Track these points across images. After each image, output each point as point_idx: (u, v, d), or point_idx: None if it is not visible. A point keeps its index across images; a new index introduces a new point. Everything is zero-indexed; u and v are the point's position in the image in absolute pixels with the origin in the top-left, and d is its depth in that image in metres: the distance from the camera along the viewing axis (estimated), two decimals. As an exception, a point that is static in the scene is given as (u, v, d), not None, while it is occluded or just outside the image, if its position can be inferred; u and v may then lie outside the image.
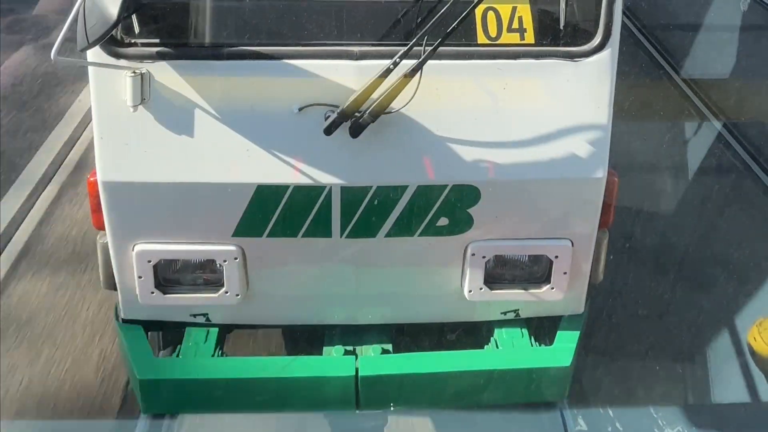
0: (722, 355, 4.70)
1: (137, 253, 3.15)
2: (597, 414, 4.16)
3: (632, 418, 4.20)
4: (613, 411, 4.19)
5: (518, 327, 3.55)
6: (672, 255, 5.66)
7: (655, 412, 4.20)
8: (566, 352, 3.42)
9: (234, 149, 2.97)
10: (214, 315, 3.42)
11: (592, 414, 4.14)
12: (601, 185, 3.13)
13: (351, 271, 3.32)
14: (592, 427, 4.04)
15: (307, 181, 3.01)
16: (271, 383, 3.34)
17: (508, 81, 2.98)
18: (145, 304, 3.29)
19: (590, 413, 4.12)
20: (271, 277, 3.30)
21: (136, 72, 2.85)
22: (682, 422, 4.16)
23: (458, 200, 3.10)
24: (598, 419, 4.13)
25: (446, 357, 3.46)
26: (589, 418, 4.06)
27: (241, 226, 3.11)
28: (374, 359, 3.41)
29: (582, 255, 3.29)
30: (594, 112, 3.02)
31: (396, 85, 2.80)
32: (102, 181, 3.01)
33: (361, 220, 3.11)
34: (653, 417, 4.18)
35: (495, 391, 3.48)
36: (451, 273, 3.32)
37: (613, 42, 2.98)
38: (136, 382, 3.30)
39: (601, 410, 4.17)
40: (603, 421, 4.14)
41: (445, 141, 3.01)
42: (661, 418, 4.16)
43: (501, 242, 3.23)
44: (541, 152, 3.04)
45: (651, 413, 4.20)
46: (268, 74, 2.94)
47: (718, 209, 6.30)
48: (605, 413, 4.17)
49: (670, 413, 4.20)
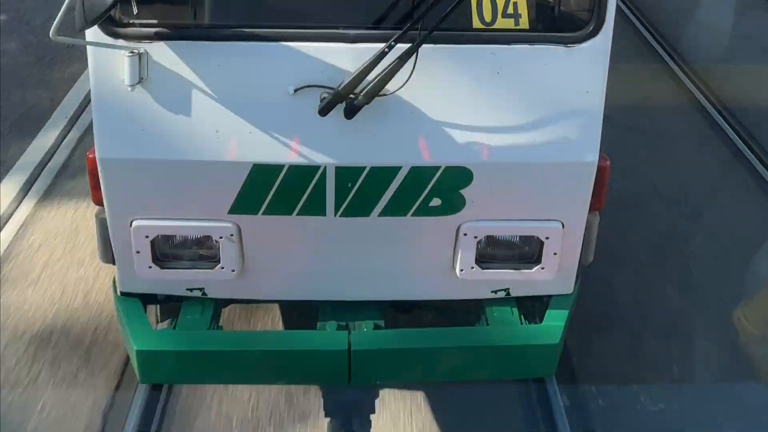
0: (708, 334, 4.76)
1: (135, 228, 3.21)
2: (580, 390, 4.23)
3: (615, 395, 4.26)
4: (596, 387, 4.26)
5: (508, 305, 3.61)
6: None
7: (638, 389, 4.27)
8: (555, 330, 3.48)
9: (230, 129, 3.01)
10: (210, 289, 3.49)
11: (575, 390, 4.21)
12: (593, 169, 3.17)
13: (345, 249, 3.38)
14: (575, 403, 4.12)
15: (302, 160, 3.06)
16: (264, 356, 3.40)
17: (502, 66, 3.01)
18: (142, 278, 3.35)
19: (573, 389, 4.20)
20: (267, 254, 3.36)
21: (134, 52, 2.89)
22: (664, 400, 4.24)
23: (451, 182, 3.14)
24: (581, 395, 4.21)
25: (437, 333, 3.53)
26: (572, 394, 4.14)
27: (237, 203, 3.16)
28: (367, 334, 3.47)
29: (573, 237, 3.35)
30: (587, 97, 3.05)
31: (391, 67, 2.84)
32: (100, 158, 3.05)
33: (354, 200, 3.16)
34: (636, 394, 4.25)
35: (485, 367, 3.55)
36: (443, 252, 3.37)
37: (607, 28, 3.00)
38: (133, 353, 3.37)
39: (584, 386, 4.25)
40: (586, 397, 4.21)
41: (438, 123, 3.05)
42: (644, 395, 4.24)
43: (493, 223, 3.28)
44: (533, 136, 3.08)
45: (634, 390, 4.27)
46: (265, 56, 2.97)
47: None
48: (588, 389, 4.24)
49: (653, 390, 4.27)
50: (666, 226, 5.80)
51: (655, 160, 6.68)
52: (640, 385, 4.32)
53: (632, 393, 4.28)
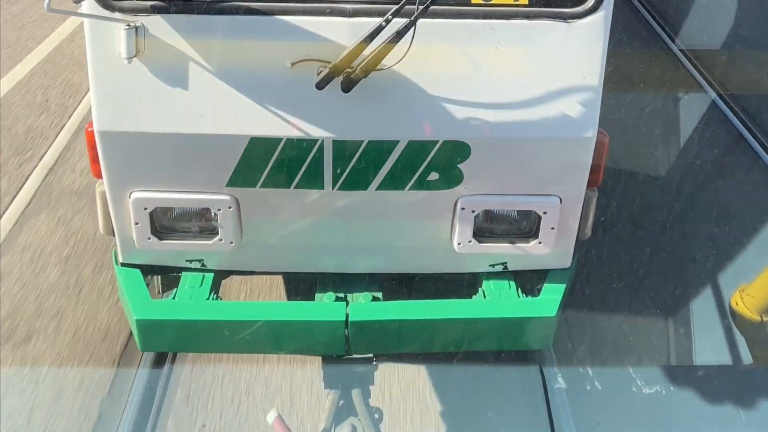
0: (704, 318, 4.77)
1: (134, 200, 3.22)
2: (576, 372, 4.25)
3: (611, 378, 4.29)
4: (592, 370, 4.27)
5: (506, 279, 3.62)
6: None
7: (634, 371, 4.28)
8: (552, 303, 3.49)
9: (227, 102, 3.01)
10: (209, 261, 3.51)
11: (572, 372, 4.23)
12: (591, 145, 3.16)
13: (343, 222, 3.39)
14: (572, 385, 4.14)
15: (299, 134, 3.05)
16: (263, 326, 3.43)
17: (500, 41, 2.98)
18: (142, 250, 3.38)
19: (570, 372, 4.22)
20: (265, 226, 3.38)
21: (130, 25, 2.87)
22: (660, 382, 4.25)
23: (449, 156, 3.14)
24: (578, 378, 4.23)
25: (434, 305, 3.54)
26: (568, 377, 4.16)
27: (235, 176, 3.17)
28: (364, 306, 3.50)
29: (570, 212, 3.35)
30: (586, 73, 3.03)
31: (388, 42, 2.82)
32: (98, 131, 3.06)
33: (352, 173, 3.17)
34: (632, 376, 4.26)
35: (481, 339, 3.58)
36: (441, 226, 3.38)
37: (606, 4, 2.97)
38: (133, 322, 3.41)
39: (580, 369, 4.26)
40: (582, 379, 4.23)
41: (436, 98, 3.04)
42: (640, 378, 4.25)
43: (490, 197, 3.29)
44: (532, 111, 3.07)
45: (630, 373, 4.29)
46: (262, 29, 2.95)
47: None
48: (584, 372, 4.25)
49: (649, 373, 4.29)
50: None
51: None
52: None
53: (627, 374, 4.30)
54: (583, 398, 4.14)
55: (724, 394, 4.24)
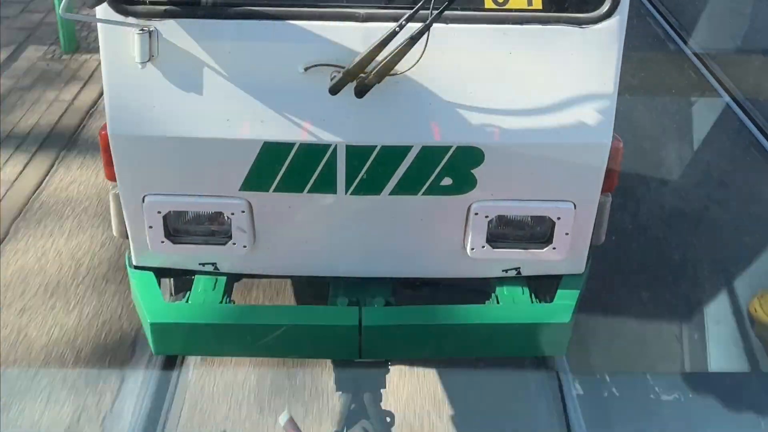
0: (722, 324, 4.72)
1: (147, 204, 3.23)
2: (593, 379, 4.20)
3: (629, 384, 4.24)
4: (609, 377, 4.23)
5: (519, 284, 3.60)
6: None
7: (652, 378, 4.23)
8: (566, 309, 3.47)
9: (240, 106, 3.01)
10: (222, 264, 3.52)
11: (589, 379, 4.19)
12: (606, 151, 3.13)
13: (356, 227, 3.39)
14: (588, 392, 4.10)
15: (312, 139, 3.05)
16: (275, 330, 3.43)
17: (514, 46, 2.97)
18: (155, 253, 3.39)
19: (586, 378, 4.17)
20: (278, 230, 3.38)
21: (144, 29, 2.88)
22: (678, 389, 4.20)
23: (462, 161, 3.13)
24: (595, 384, 4.18)
25: (447, 310, 3.53)
26: (585, 383, 4.12)
27: (248, 180, 3.17)
28: (377, 310, 3.49)
29: (584, 217, 3.33)
30: (601, 78, 3.01)
31: (402, 47, 2.81)
32: (112, 135, 3.07)
33: (365, 178, 3.16)
34: (650, 383, 4.22)
35: (494, 345, 3.57)
36: (454, 231, 3.37)
37: (621, 9, 2.95)
38: (147, 325, 3.42)
39: (597, 375, 4.22)
40: (599, 386, 4.19)
41: (450, 103, 3.03)
42: (658, 385, 4.20)
43: (504, 203, 3.27)
44: (546, 117, 3.05)
45: (647, 380, 4.24)
46: (275, 34, 2.95)
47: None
48: (601, 378, 4.21)
49: (667, 380, 4.24)
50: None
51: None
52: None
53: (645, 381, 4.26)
54: (601, 405, 4.10)
55: (743, 401, 4.19)
